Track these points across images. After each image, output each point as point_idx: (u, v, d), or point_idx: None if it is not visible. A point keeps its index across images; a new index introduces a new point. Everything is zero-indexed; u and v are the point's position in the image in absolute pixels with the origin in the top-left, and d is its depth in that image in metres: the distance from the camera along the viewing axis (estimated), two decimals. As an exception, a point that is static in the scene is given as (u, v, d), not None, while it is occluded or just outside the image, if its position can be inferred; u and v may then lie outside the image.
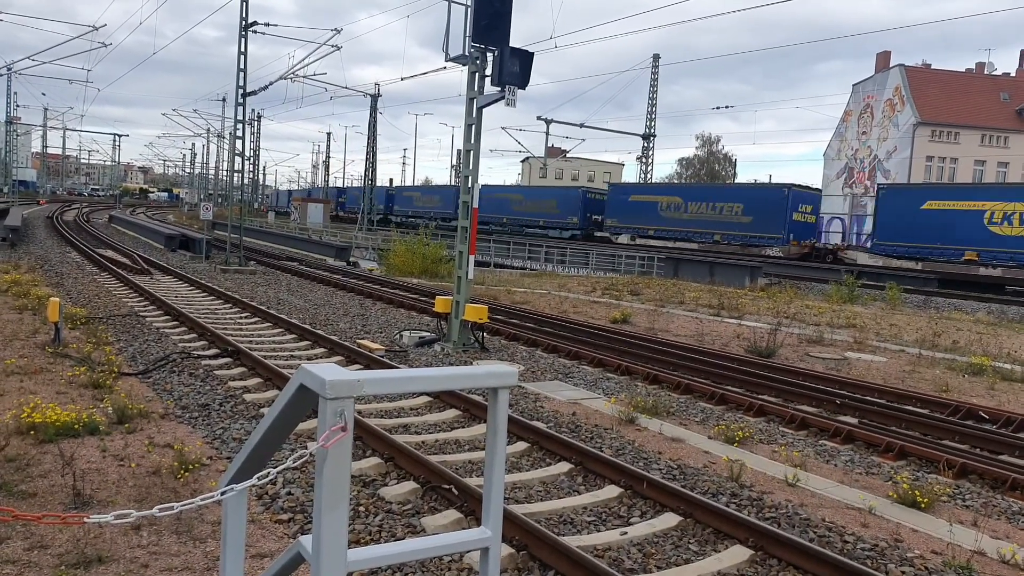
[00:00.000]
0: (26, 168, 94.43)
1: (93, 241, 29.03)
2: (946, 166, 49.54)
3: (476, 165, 11.10)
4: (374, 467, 5.62)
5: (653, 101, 47.21)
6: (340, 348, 10.03)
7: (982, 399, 9.26)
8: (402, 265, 24.74)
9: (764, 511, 5.23)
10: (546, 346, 11.58)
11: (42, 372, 7.87)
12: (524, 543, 4.32)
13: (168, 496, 4.82)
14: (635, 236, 41.56)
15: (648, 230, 40.92)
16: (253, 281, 19.50)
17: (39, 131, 78.32)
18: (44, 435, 5.68)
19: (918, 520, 5.23)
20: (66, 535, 4.15)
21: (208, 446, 5.97)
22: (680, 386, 9.10)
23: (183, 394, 7.50)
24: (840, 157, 57.06)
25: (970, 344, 13.50)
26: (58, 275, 17.46)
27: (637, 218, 41.65)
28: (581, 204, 45.45)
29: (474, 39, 10.43)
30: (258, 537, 4.34)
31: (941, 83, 50.53)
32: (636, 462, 6.13)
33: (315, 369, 1.78)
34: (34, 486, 4.82)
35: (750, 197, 37.08)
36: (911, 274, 27.73)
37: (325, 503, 1.71)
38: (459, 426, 7.06)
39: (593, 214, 45.25)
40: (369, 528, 4.62)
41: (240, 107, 23.43)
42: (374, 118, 49.63)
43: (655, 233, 40.43)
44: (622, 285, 22.92)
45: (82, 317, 11.23)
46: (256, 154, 65.95)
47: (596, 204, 45.78)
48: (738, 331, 14.07)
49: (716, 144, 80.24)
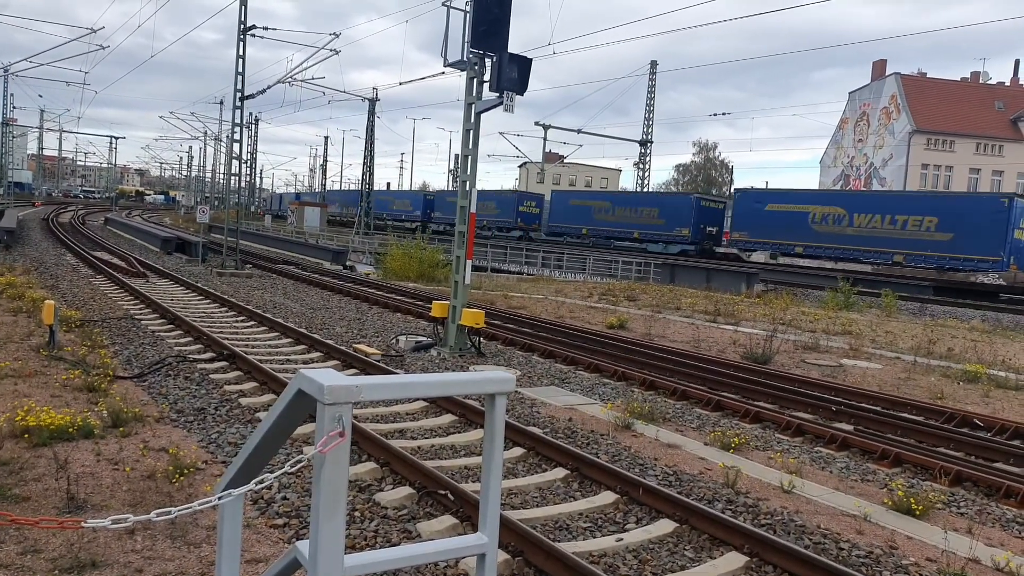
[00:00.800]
0: (22, 170, 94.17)
1: (88, 244, 28.95)
2: (941, 174, 49.82)
3: (474, 170, 11.12)
4: (370, 472, 5.61)
5: (650, 107, 47.39)
6: (336, 352, 10.01)
7: (977, 406, 9.29)
8: (399, 269, 24.73)
9: (760, 518, 5.24)
10: (543, 351, 11.58)
11: (36, 375, 7.84)
12: (520, 549, 4.31)
13: (163, 500, 4.80)
14: (775, 253, 34.35)
15: (794, 246, 33.27)
16: (249, 285, 19.46)
17: (35, 133, 78.20)
18: (38, 438, 5.65)
19: (913, 527, 5.24)
20: (60, 539, 4.13)
21: (203, 450, 5.94)
22: (676, 392, 9.11)
23: (178, 398, 7.47)
24: (836, 164, 57.33)
25: (965, 351, 13.55)
26: (53, 278, 17.40)
27: (777, 231, 33.83)
28: (693, 214, 38.09)
29: (473, 45, 10.46)
30: (253, 542, 4.33)
31: (937, 92, 50.86)
32: (632, 468, 6.13)
33: (313, 375, 1.79)
34: (28, 490, 4.80)
35: (951, 208, 29.20)
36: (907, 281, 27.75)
37: (323, 509, 1.71)
38: (455, 431, 7.05)
39: (708, 225, 38.70)
40: (365, 533, 4.60)
41: (238, 110, 23.44)
42: (372, 122, 49.73)
43: (805, 250, 32.91)
44: (619, 290, 22.95)
45: (77, 320, 11.19)
46: (253, 157, 65.89)
47: (712, 214, 39.32)
48: (734, 337, 14.09)
49: (713, 151, 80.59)
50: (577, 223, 44.61)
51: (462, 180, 11.30)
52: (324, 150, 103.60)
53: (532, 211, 50.28)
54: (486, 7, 10.24)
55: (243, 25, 22.90)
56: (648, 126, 47.38)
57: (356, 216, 55.42)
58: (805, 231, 33.18)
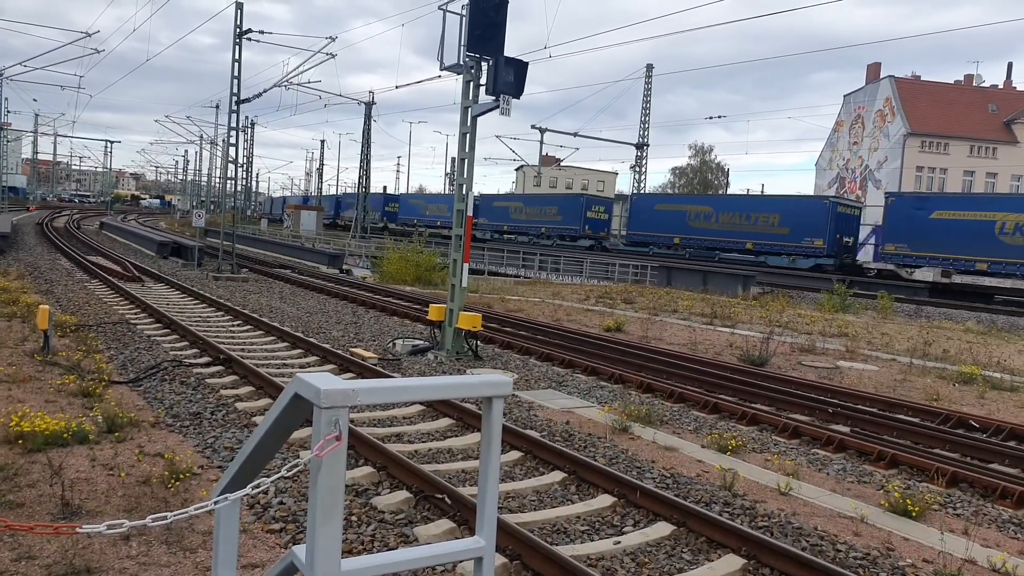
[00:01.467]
0: (16, 174, 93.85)
1: (83, 248, 28.85)
2: (936, 176, 50.04)
3: (470, 173, 11.12)
4: (367, 476, 5.59)
5: (647, 110, 47.47)
6: (333, 356, 9.99)
7: (972, 408, 9.32)
8: (395, 273, 24.72)
9: (757, 520, 5.24)
10: (540, 354, 11.58)
11: (31, 380, 7.80)
12: (517, 552, 4.30)
13: (158, 506, 4.78)
14: (949, 271, 28.49)
15: (974, 262, 27.21)
16: (245, 288, 19.42)
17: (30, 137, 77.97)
18: (33, 444, 5.62)
19: (910, 529, 5.25)
20: (54, 545, 4.11)
21: (199, 455, 5.92)
22: (673, 395, 9.12)
23: (174, 402, 7.45)
24: (832, 167, 57.55)
25: (960, 353, 13.59)
26: (48, 282, 17.33)
27: (948, 244, 28.11)
28: (829, 221, 31.75)
29: (469, 48, 10.47)
30: (249, 547, 4.31)
31: (931, 94, 51.11)
32: (629, 471, 6.12)
33: (310, 379, 1.78)
34: (22, 496, 4.77)
35: None
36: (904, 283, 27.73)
37: (319, 513, 1.71)
38: (452, 435, 7.04)
39: (844, 235, 32.45)
40: (362, 537, 4.59)
41: (234, 114, 23.42)
42: (368, 126, 49.70)
43: (991, 267, 26.83)
44: (616, 293, 22.97)
45: (72, 324, 11.15)
46: (249, 161, 65.84)
47: (847, 221, 32.89)
48: (731, 340, 14.11)
49: (709, 153, 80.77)
50: (667, 231, 37.94)
51: (458, 183, 11.30)
52: (320, 154, 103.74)
53: (601, 217, 44.53)
54: (482, 11, 10.25)
55: (239, 29, 22.90)
56: (644, 129, 47.45)
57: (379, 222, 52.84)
58: (990, 244, 27.06)
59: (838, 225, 32.01)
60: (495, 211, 50.58)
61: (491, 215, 50.12)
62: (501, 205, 50.91)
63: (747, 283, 26.43)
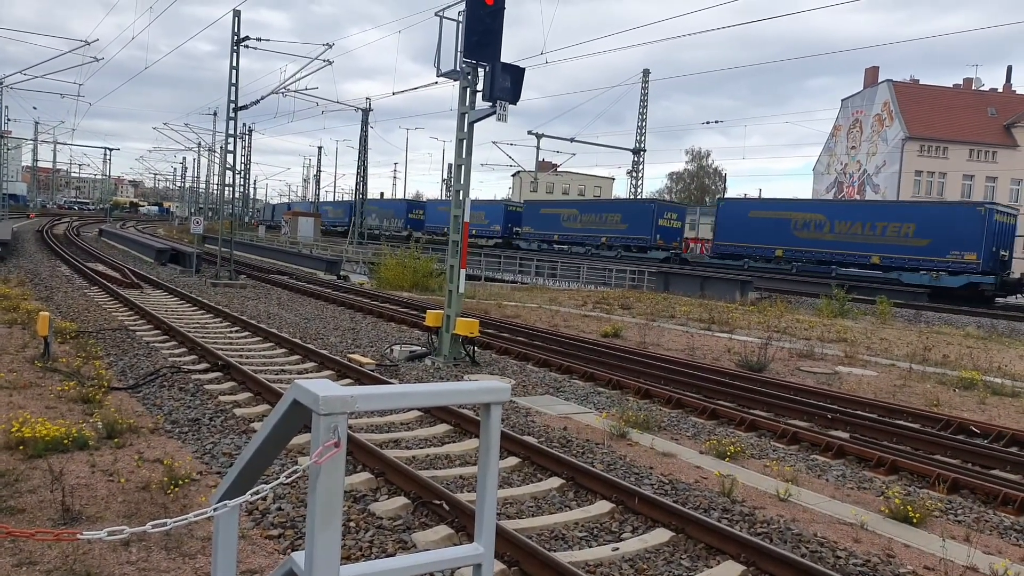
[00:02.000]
0: (16, 182, 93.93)
1: (83, 255, 28.86)
2: (935, 181, 50.17)
3: (467, 180, 11.15)
4: (365, 482, 5.59)
5: (643, 116, 47.61)
6: (330, 362, 9.99)
7: (973, 413, 9.32)
8: (393, 279, 24.73)
9: (756, 526, 5.23)
10: (537, 360, 11.58)
11: (31, 386, 7.80)
12: (515, 559, 4.30)
13: (158, 511, 4.78)
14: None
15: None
16: (243, 295, 19.42)
17: (30, 145, 78.10)
18: (33, 450, 5.62)
19: (910, 535, 5.25)
20: (55, 551, 4.10)
21: (198, 461, 5.92)
22: (671, 400, 9.11)
23: (173, 408, 7.44)
24: (829, 172, 57.70)
25: (960, 358, 13.60)
26: (48, 289, 17.33)
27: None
28: (984, 232, 26.80)
29: (465, 55, 10.52)
30: (248, 553, 4.31)
31: (929, 98, 51.30)
32: (627, 477, 6.12)
33: (308, 385, 1.79)
34: (23, 502, 4.77)
35: None
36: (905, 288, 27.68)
37: (318, 519, 1.71)
38: (450, 441, 7.04)
39: (1000, 248, 27.67)
40: (360, 544, 4.58)
41: (231, 121, 23.47)
42: (365, 132, 49.79)
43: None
44: (613, 299, 22.98)
45: (72, 331, 11.15)
46: (247, 168, 65.91)
47: (1004, 232, 28.00)
48: (729, 345, 14.12)
49: (706, 159, 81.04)
50: (764, 241, 33.54)
51: (455, 189, 11.33)
52: (318, 160, 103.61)
53: (674, 224, 41.16)
54: (479, 17, 10.30)
55: (237, 36, 22.98)
56: (641, 134, 47.58)
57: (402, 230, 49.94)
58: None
59: (998, 237, 27.59)
60: (543, 219, 46.46)
61: (538, 224, 46.30)
62: (551, 212, 46.83)
63: (745, 289, 26.45)
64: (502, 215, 49.75)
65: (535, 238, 46.12)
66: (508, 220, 49.26)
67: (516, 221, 49.13)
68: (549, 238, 45.71)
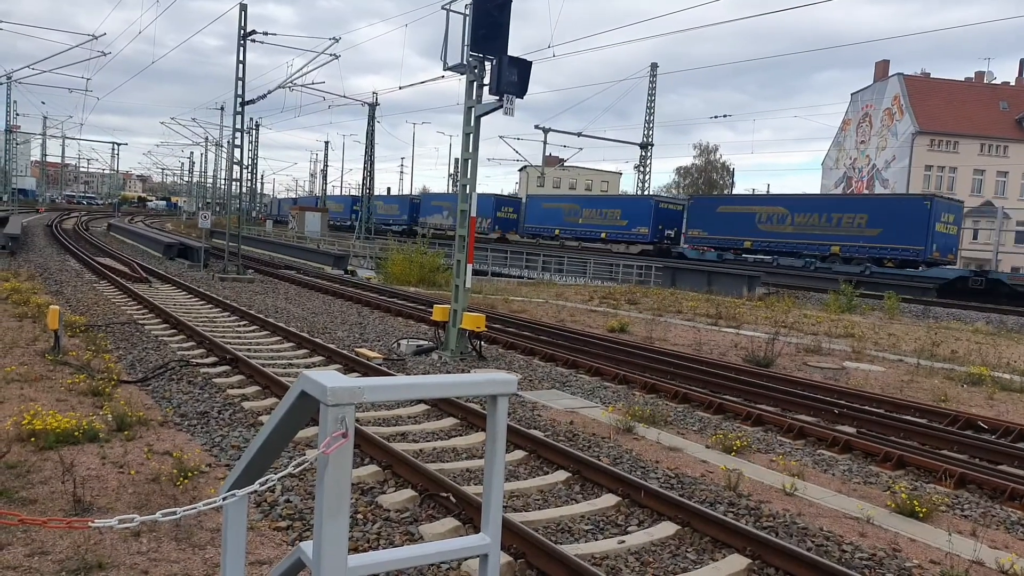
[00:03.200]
0: (25, 176, 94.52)
1: (92, 249, 29.04)
2: (945, 175, 49.75)
3: (474, 174, 11.15)
4: (372, 475, 5.62)
5: (651, 110, 47.41)
6: (338, 356, 10.04)
7: (981, 409, 9.28)
8: (400, 274, 24.78)
9: (762, 520, 5.24)
10: (543, 355, 11.59)
11: (42, 379, 7.87)
12: (522, 551, 4.32)
13: (167, 503, 4.83)
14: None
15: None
16: (251, 289, 19.51)
17: (38, 139, 78.49)
18: (44, 442, 5.68)
19: (916, 530, 5.24)
20: (67, 541, 4.15)
21: (207, 453, 5.97)
22: (678, 395, 9.12)
23: (182, 402, 7.50)
24: (838, 166, 57.31)
25: (969, 354, 13.53)
26: (57, 283, 17.46)
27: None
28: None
29: (472, 48, 10.50)
30: (257, 544, 4.35)
31: (940, 92, 50.80)
32: (634, 471, 6.13)
33: (316, 376, 1.81)
34: (34, 493, 4.83)
35: None
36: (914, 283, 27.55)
37: (326, 509, 1.73)
38: (457, 434, 7.07)
39: None
40: (367, 536, 4.62)
41: (238, 116, 23.53)
42: (372, 127, 49.80)
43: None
44: (619, 294, 22.95)
45: (81, 325, 11.24)
46: (254, 162, 66.01)
47: None
48: (736, 340, 14.09)
49: (714, 153, 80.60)
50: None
51: (462, 184, 11.33)
52: (324, 155, 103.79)
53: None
54: (486, 11, 10.28)
55: (243, 31, 23.01)
56: (649, 129, 47.39)
57: (491, 232, 47.66)
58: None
59: None
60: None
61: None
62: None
63: (752, 284, 26.35)
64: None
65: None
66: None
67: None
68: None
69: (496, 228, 47.73)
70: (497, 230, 47.92)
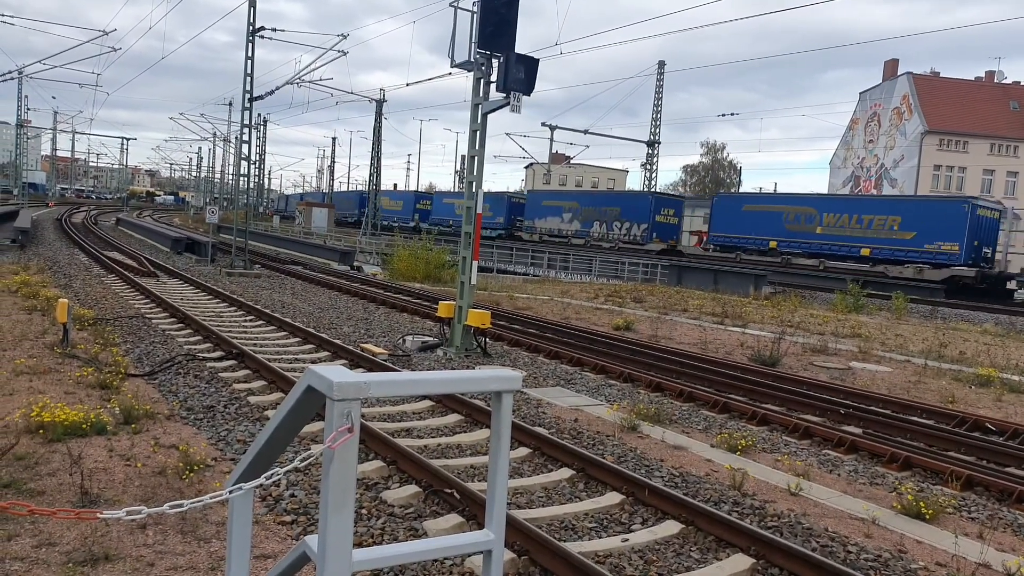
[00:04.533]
0: (36, 171, 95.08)
1: (100, 243, 29.20)
2: (954, 175, 49.41)
3: (480, 171, 11.14)
4: (377, 470, 5.64)
5: (658, 108, 47.25)
6: (343, 352, 10.07)
7: (989, 410, 9.23)
8: (405, 270, 24.81)
9: (766, 520, 5.23)
10: (548, 352, 11.59)
11: (51, 372, 7.93)
12: (525, 548, 4.33)
13: (174, 496, 4.85)
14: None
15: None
16: (258, 284, 19.58)
17: (49, 134, 78.94)
18: (52, 434, 5.73)
19: (923, 531, 5.22)
20: (74, 533, 4.19)
21: (213, 447, 6.00)
22: (683, 394, 9.10)
23: (188, 395, 7.54)
24: (846, 166, 57.01)
25: (977, 355, 13.45)
26: (66, 277, 17.57)
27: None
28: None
29: (480, 45, 10.49)
30: (262, 538, 4.37)
31: (950, 91, 50.43)
32: (638, 469, 6.13)
33: (323, 371, 1.81)
34: (42, 484, 4.86)
35: None
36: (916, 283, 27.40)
37: (331, 503, 1.74)
38: (461, 431, 7.08)
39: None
40: (371, 531, 4.63)
41: (246, 111, 23.58)
42: (379, 123, 49.76)
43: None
44: (625, 292, 22.91)
45: (90, 318, 11.31)
46: (262, 158, 66.16)
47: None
48: (742, 339, 14.05)
49: (721, 152, 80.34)
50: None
51: (468, 181, 11.33)
52: (332, 151, 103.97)
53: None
54: (493, 8, 10.26)
55: (252, 27, 23.05)
56: (656, 127, 47.23)
57: None
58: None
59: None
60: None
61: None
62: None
63: (759, 283, 26.27)
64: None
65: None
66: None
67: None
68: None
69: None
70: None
